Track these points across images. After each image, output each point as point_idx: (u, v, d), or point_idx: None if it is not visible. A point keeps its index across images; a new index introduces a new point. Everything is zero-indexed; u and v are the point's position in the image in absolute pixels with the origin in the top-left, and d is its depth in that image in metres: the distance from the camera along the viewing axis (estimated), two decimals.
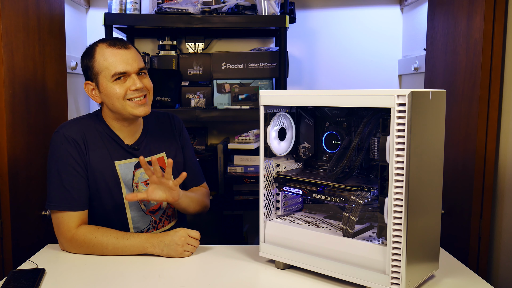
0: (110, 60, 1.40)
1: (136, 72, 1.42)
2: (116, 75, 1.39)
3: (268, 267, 1.29)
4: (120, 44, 1.42)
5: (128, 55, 1.41)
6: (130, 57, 1.41)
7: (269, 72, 2.37)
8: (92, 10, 2.63)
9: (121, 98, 1.41)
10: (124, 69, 1.39)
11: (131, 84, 1.41)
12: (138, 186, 1.49)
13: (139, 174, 1.50)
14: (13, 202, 1.61)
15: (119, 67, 1.39)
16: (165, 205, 1.56)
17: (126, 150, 1.49)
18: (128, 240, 1.36)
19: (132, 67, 1.41)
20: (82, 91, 2.56)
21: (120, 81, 1.40)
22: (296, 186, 1.28)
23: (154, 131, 1.58)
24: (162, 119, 1.63)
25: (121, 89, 1.40)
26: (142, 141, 1.53)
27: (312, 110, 1.36)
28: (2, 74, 1.57)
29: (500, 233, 1.70)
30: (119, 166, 1.47)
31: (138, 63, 1.43)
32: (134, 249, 1.36)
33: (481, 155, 1.70)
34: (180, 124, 1.66)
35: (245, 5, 2.28)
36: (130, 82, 1.41)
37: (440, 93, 1.14)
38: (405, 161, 1.02)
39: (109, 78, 1.40)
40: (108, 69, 1.40)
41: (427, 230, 1.14)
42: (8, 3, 1.61)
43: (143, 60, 1.51)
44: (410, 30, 2.58)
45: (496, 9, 1.66)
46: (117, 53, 1.40)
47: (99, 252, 1.36)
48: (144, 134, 1.54)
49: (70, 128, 1.43)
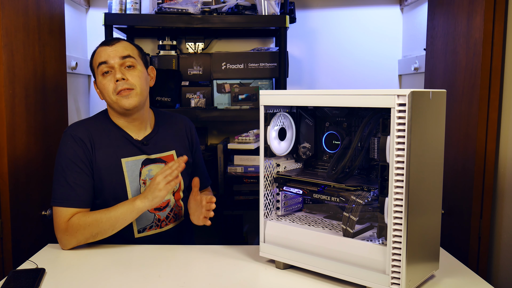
0: (97, 55, 1.49)
1: (120, 64, 1.47)
2: (100, 66, 1.47)
3: (268, 267, 1.29)
4: (111, 41, 1.50)
5: (112, 49, 1.48)
6: (113, 50, 1.47)
7: (269, 72, 2.37)
8: (92, 10, 2.63)
9: (111, 93, 1.47)
10: (104, 59, 1.46)
11: (114, 77, 1.46)
12: (146, 183, 1.51)
13: (147, 171, 1.51)
14: (13, 202, 1.61)
15: (101, 58, 1.47)
16: (172, 202, 1.57)
17: (135, 145, 1.52)
18: (118, 207, 1.40)
19: (113, 59, 1.46)
20: (82, 91, 2.56)
21: (107, 75, 1.47)
22: (296, 186, 1.28)
23: (165, 129, 1.61)
24: (176, 120, 1.67)
25: (109, 83, 1.47)
26: (151, 137, 1.56)
27: (312, 110, 1.36)
28: (2, 74, 1.57)
29: (500, 233, 1.70)
30: (126, 163, 1.49)
31: (121, 53, 1.47)
32: (127, 210, 1.39)
33: (481, 155, 1.70)
34: (192, 129, 1.70)
35: (245, 5, 2.28)
36: (113, 74, 1.47)
37: (440, 93, 1.14)
38: (405, 161, 1.02)
39: (98, 72, 1.48)
40: (95, 63, 1.49)
41: (427, 230, 1.14)
42: (8, 3, 1.61)
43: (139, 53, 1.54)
44: (410, 30, 2.58)
45: (496, 9, 1.66)
46: (105, 49, 1.48)
47: (95, 229, 1.38)
48: (155, 131, 1.58)
49: (76, 128, 1.48)
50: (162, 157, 1.55)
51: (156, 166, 1.53)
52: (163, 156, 1.56)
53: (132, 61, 1.48)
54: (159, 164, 1.53)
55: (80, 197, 1.42)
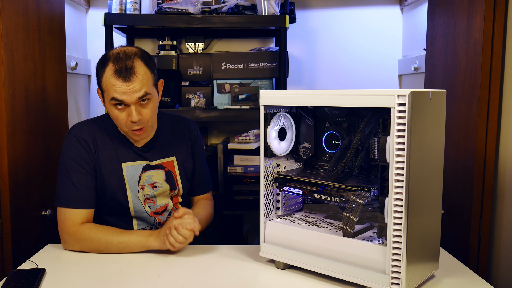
0: (111, 87, 1.36)
1: (136, 103, 1.38)
2: (113, 101, 1.37)
3: (268, 267, 1.29)
4: (125, 74, 1.36)
5: (129, 87, 1.36)
6: (130, 89, 1.36)
7: (269, 72, 2.37)
8: (92, 10, 2.63)
9: (123, 125, 1.41)
10: (120, 98, 1.36)
11: (128, 117, 1.39)
12: (144, 188, 1.51)
13: (146, 176, 1.51)
14: (13, 202, 1.61)
15: (116, 96, 1.36)
16: (170, 206, 1.57)
17: (135, 152, 1.50)
18: (132, 235, 1.38)
19: (130, 100, 1.36)
20: (82, 91, 2.56)
21: (121, 108, 1.38)
22: (296, 186, 1.28)
23: (167, 134, 1.58)
24: (179, 123, 1.63)
25: (120, 117, 1.39)
26: (153, 144, 1.53)
27: (312, 110, 1.36)
28: (2, 74, 1.57)
29: (500, 233, 1.70)
30: (126, 168, 1.48)
31: (138, 93, 1.37)
32: (139, 243, 1.38)
33: (481, 155, 1.70)
34: (195, 132, 1.65)
35: (245, 5, 2.28)
36: (128, 113, 1.39)
37: (440, 93, 1.14)
38: (405, 161, 1.02)
39: (110, 103, 1.38)
40: (108, 94, 1.38)
41: (427, 230, 1.15)
42: (8, 3, 1.60)
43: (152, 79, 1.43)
44: (410, 30, 2.58)
45: (496, 9, 1.66)
46: (120, 86, 1.36)
47: (103, 247, 1.37)
48: (156, 136, 1.55)
49: (81, 129, 1.47)
50: (162, 163, 1.55)
51: (155, 172, 1.52)
52: (163, 162, 1.55)
53: (148, 96, 1.40)
54: (159, 171, 1.53)
55: (85, 198, 1.42)
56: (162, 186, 1.53)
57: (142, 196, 1.50)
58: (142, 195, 1.50)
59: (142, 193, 1.50)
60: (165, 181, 1.54)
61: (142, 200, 1.50)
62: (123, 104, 1.37)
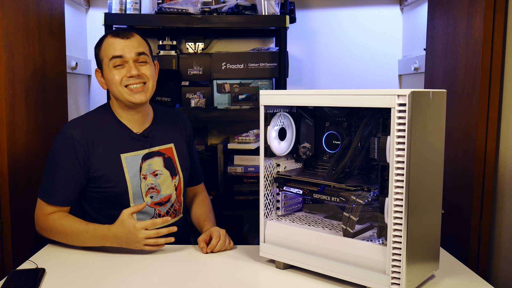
0: (110, 47, 1.47)
1: (134, 59, 1.47)
2: (114, 60, 1.46)
3: (268, 267, 1.29)
4: (123, 34, 1.49)
5: (127, 43, 1.47)
6: (129, 45, 1.47)
7: (269, 72, 2.37)
8: (92, 10, 2.63)
9: (118, 84, 1.47)
10: (120, 53, 1.46)
11: (127, 71, 1.46)
12: (147, 178, 1.51)
13: (147, 165, 1.52)
14: (13, 202, 1.61)
15: (116, 52, 1.46)
16: (173, 198, 1.57)
17: (135, 139, 1.52)
18: (88, 233, 1.38)
19: (129, 54, 1.47)
20: (82, 91, 2.56)
21: (119, 68, 1.47)
22: (296, 186, 1.28)
23: (163, 122, 1.63)
24: (171, 114, 1.69)
25: (119, 76, 1.47)
26: (151, 130, 1.57)
27: (312, 110, 1.36)
28: (2, 74, 1.57)
29: (500, 233, 1.70)
30: (125, 159, 1.49)
31: (137, 49, 1.48)
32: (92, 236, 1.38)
33: (481, 155, 1.70)
34: (187, 123, 1.72)
35: (245, 5, 2.28)
36: (127, 69, 1.47)
37: (440, 93, 1.14)
38: (405, 161, 1.02)
39: (109, 64, 1.47)
40: (107, 55, 1.47)
41: (427, 230, 1.15)
42: (8, 3, 1.60)
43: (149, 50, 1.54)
44: (410, 30, 2.58)
45: (496, 9, 1.66)
46: (117, 41, 1.47)
47: (64, 237, 1.42)
48: (154, 124, 1.59)
49: (73, 127, 1.48)
50: (161, 150, 1.56)
51: (154, 161, 1.53)
52: (163, 148, 1.57)
53: (145, 58, 1.50)
54: (157, 158, 1.54)
55: (60, 196, 1.44)
56: (163, 173, 1.54)
57: (145, 186, 1.51)
58: (145, 185, 1.51)
59: (145, 182, 1.51)
60: (165, 168, 1.55)
61: (145, 191, 1.51)
62: (123, 60, 1.46)
